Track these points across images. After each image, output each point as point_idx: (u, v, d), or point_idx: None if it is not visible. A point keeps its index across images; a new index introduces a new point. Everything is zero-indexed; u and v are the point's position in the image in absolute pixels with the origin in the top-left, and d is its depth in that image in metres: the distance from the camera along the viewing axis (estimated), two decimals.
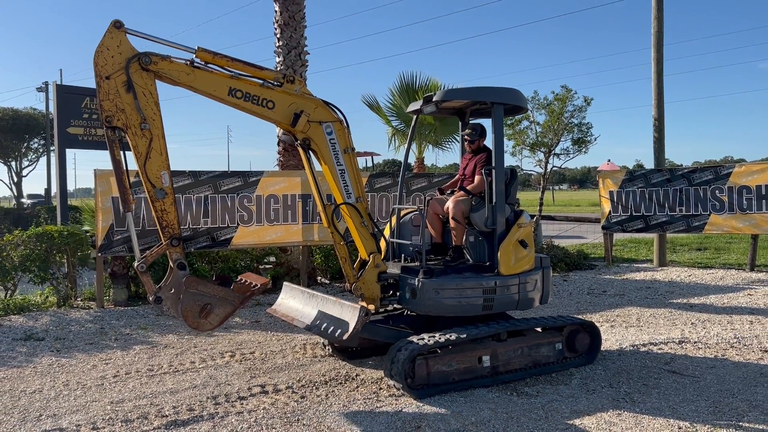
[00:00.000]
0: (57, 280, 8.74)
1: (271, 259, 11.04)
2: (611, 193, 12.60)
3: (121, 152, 4.43)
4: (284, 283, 6.15)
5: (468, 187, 5.80)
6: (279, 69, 10.55)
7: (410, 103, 11.72)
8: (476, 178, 5.79)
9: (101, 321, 7.80)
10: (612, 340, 6.62)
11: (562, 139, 15.03)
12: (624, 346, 6.35)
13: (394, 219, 6.14)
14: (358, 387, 5.18)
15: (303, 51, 10.79)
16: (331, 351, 6.07)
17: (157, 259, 4.65)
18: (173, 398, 4.93)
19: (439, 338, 5.00)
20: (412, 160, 14.26)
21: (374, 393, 5.01)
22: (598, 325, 6.27)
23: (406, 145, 6.83)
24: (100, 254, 8.61)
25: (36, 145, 40.97)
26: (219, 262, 9.91)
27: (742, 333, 6.86)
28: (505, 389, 5.11)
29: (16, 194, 41.72)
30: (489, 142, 6.24)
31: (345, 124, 5.18)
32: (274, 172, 10.01)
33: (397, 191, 10.31)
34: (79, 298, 9.02)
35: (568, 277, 11.21)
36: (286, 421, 4.44)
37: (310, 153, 5.18)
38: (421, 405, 4.72)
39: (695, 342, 6.51)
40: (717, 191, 11.42)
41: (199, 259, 9.68)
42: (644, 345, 6.39)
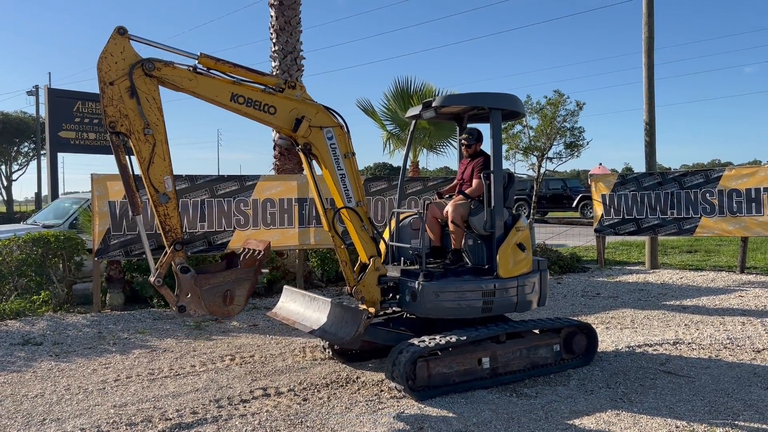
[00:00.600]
0: (53, 284, 8.72)
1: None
2: (604, 196, 12.73)
3: (127, 157, 4.46)
4: (284, 287, 6.19)
5: (467, 191, 5.87)
6: (275, 74, 10.59)
7: (405, 108, 11.87)
8: (474, 182, 5.86)
9: (98, 325, 7.79)
10: (608, 341, 6.71)
11: (554, 143, 15.18)
12: (620, 348, 6.44)
13: (393, 222, 6.20)
14: (359, 389, 5.23)
15: (299, 56, 10.84)
16: (330, 354, 6.11)
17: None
18: (176, 401, 4.95)
19: (440, 340, 5.06)
20: (408, 164, 14.32)
21: (376, 395, 5.06)
22: (593, 327, 6.35)
23: (405, 150, 6.90)
24: (96, 259, 8.61)
25: (26, 149, 40.76)
26: None
27: (734, 334, 6.97)
28: (505, 390, 5.17)
29: (6, 198, 41.44)
30: (486, 146, 6.34)
31: (345, 129, 5.23)
32: (270, 176, 10.04)
33: (392, 195, 10.53)
34: (75, 303, 9.00)
35: (561, 280, 11.31)
36: (289, 423, 4.48)
37: (311, 158, 5.23)
38: (423, 406, 4.78)
39: (689, 343, 6.61)
40: (708, 194, 11.57)
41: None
42: (639, 346, 6.48)
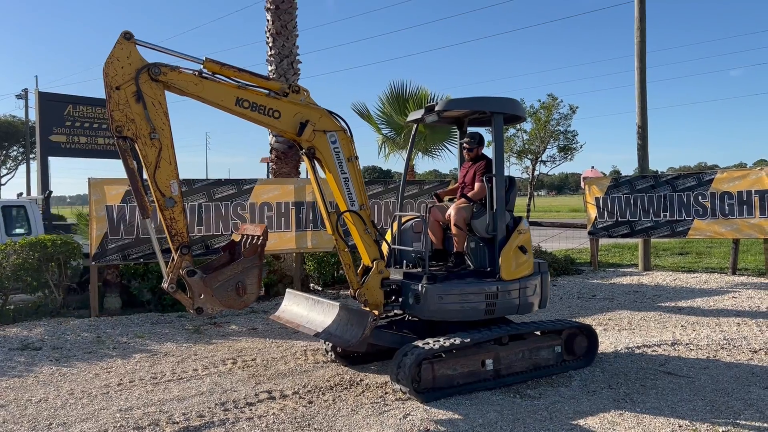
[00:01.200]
0: (50, 289, 8.68)
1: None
2: (597, 199, 12.85)
3: (134, 161, 4.46)
4: (287, 290, 6.21)
5: (469, 195, 5.91)
6: (272, 78, 10.60)
7: (400, 111, 11.90)
8: (476, 185, 5.91)
9: (97, 330, 7.76)
10: (607, 342, 6.78)
11: (548, 147, 15.29)
12: (619, 349, 6.51)
13: (395, 225, 6.23)
14: (364, 392, 5.25)
15: (295, 60, 10.87)
16: (333, 357, 6.13)
17: (153, 269, 4.69)
18: (181, 405, 4.95)
19: (444, 343, 5.10)
20: (401, 167, 14.37)
21: (380, 397, 5.09)
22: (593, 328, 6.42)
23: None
24: (93, 263, 8.58)
25: (15, 153, 40.42)
26: None
27: (730, 335, 7.06)
28: (508, 392, 5.22)
29: None
30: (486, 150, 6.39)
31: (348, 133, 5.27)
32: (267, 180, 10.06)
33: (388, 198, 10.57)
34: (72, 307, 8.96)
35: (557, 282, 11.39)
36: (297, 425, 4.49)
37: (315, 161, 5.26)
38: (428, 408, 4.81)
39: (687, 344, 6.69)
40: (700, 197, 11.71)
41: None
42: (638, 347, 6.55)
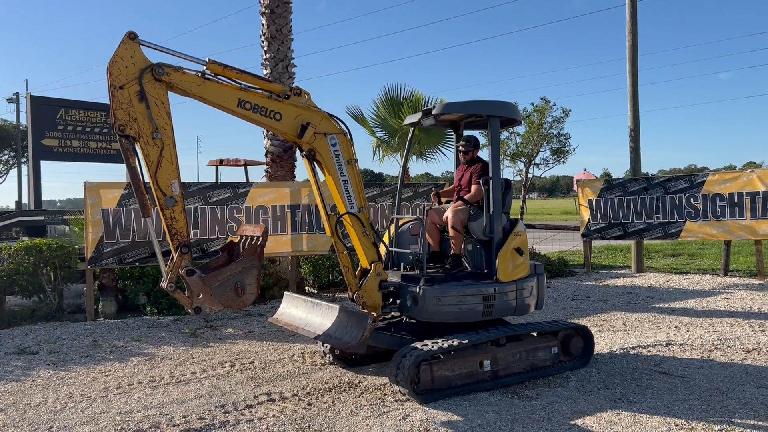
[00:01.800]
0: (45, 293, 8.65)
1: None
2: (590, 201, 12.94)
3: (137, 160, 4.48)
4: (285, 293, 6.23)
5: (466, 197, 5.96)
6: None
7: (395, 115, 11.96)
8: (473, 187, 5.96)
9: (93, 334, 7.74)
10: (602, 343, 6.84)
11: (541, 150, 15.39)
12: (614, 350, 6.57)
13: (392, 228, 6.27)
14: (362, 393, 5.28)
15: (290, 63, 10.90)
16: (331, 359, 6.15)
17: (149, 272, 4.70)
18: (181, 408, 4.96)
19: (442, 344, 5.14)
20: (394, 170, 14.41)
21: (380, 399, 5.12)
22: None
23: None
24: (89, 267, 8.56)
25: (6, 157, 40.19)
26: None
27: (724, 335, 7.15)
28: (506, 392, 5.26)
29: None
30: (482, 153, 6.45)
31: (348, 137, 5.30)
32: (263, 183, 10.08)
33: (383, 201, 10.60)
34: (67, 311, 8.93)
35: (551, 284, 11.46)
36: (297, 427, 4.51)
37: (315, 164, 5.29)
38: (427, 409, 4.84)
39: (681, 344, 6.77)
40: (692, 199, 11.83)
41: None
42: (633, 348, 6.62)
